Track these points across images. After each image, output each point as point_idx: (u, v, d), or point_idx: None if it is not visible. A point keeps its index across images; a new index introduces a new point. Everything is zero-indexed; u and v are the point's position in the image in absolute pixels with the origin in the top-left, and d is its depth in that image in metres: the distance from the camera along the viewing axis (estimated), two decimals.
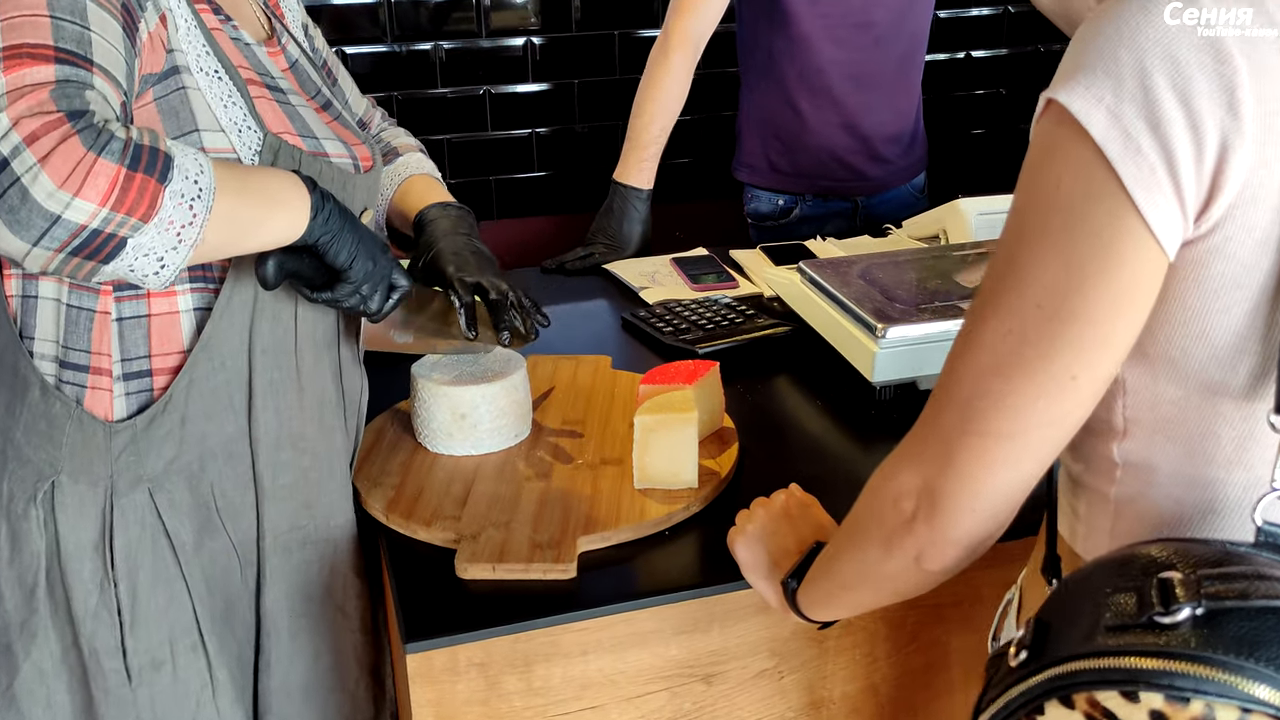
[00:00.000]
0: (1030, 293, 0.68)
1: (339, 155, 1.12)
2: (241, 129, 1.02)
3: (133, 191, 0.84)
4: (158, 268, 0.88)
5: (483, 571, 1.06)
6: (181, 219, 0.87)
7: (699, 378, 1.25)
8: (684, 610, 1.07)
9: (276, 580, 1.13)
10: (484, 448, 1.25)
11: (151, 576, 1.07)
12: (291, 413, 1.11)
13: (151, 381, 1.05)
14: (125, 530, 1.05)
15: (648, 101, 1.93)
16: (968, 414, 0.71)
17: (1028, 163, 0.70)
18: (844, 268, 1.51)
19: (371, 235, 1.06)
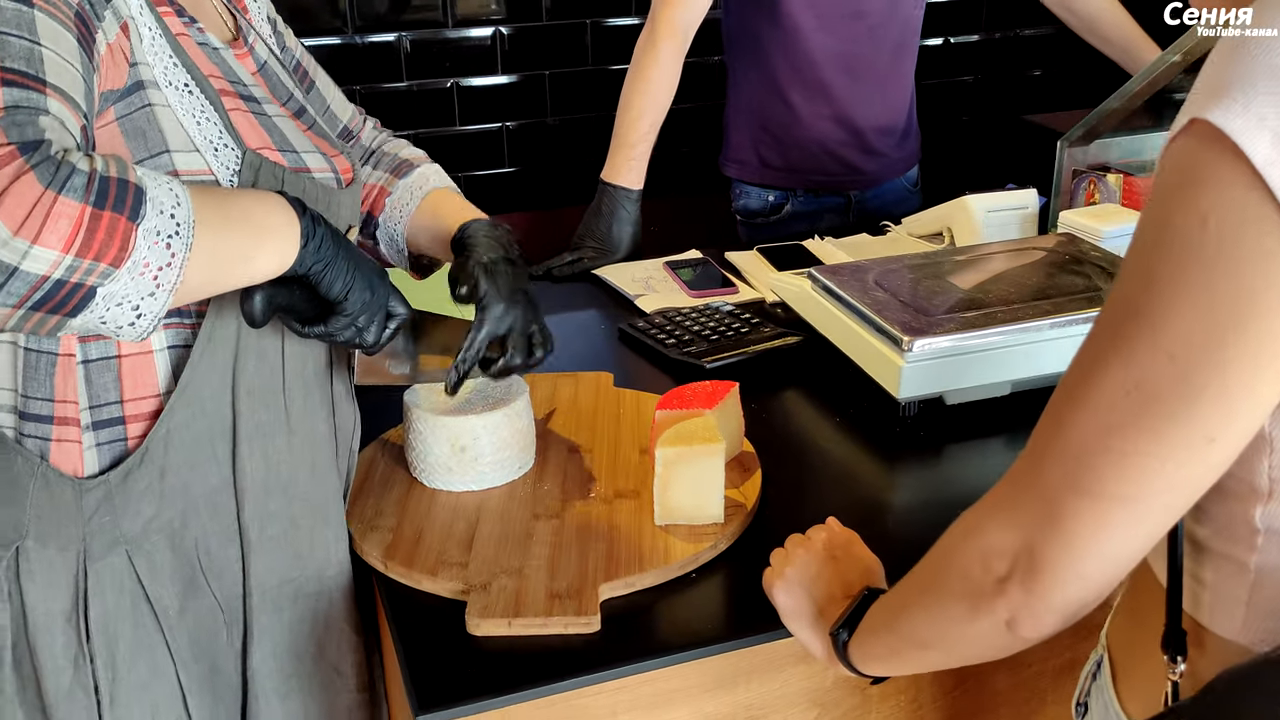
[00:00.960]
0: (1162, 342, 0.59)
1: (321, 170, 1.01)
2: (218, 147, 0.91)
3: (100, 233, 0.72)
4: (133, 318, 0.77)
5: (497, 627, 0.96)
6: (158, 260, 0.76)
7: (719, 401, 1.15)
8: (719, 664, 0.98)
9: (265, 639, 1.02)
10: (486, 482, 1.15)
11: (132, 647, 0.95)
12: (280, 457, 1.00)
13: (125, 430, 0.94)
14: (101, 598, 0.94)
15: (635, 96, 1.83)
16: (1079, 473, 0.62)
17: (1160, 191, 0.60)
18: (859, 274, 1.42)
19: (368, 260, 0.95)
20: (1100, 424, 0.61)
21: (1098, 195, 1.74)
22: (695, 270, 1.75)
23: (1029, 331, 1.27)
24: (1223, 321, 0.57)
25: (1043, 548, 0.65)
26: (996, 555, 0.67)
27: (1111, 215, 1.58)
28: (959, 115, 3.22)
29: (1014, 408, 1.31)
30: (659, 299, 1.66)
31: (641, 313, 1.62)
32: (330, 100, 1.22)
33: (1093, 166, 1.80)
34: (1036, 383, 1.31)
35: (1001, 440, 1.29)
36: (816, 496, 1.18)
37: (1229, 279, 0.57)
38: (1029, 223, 1.73)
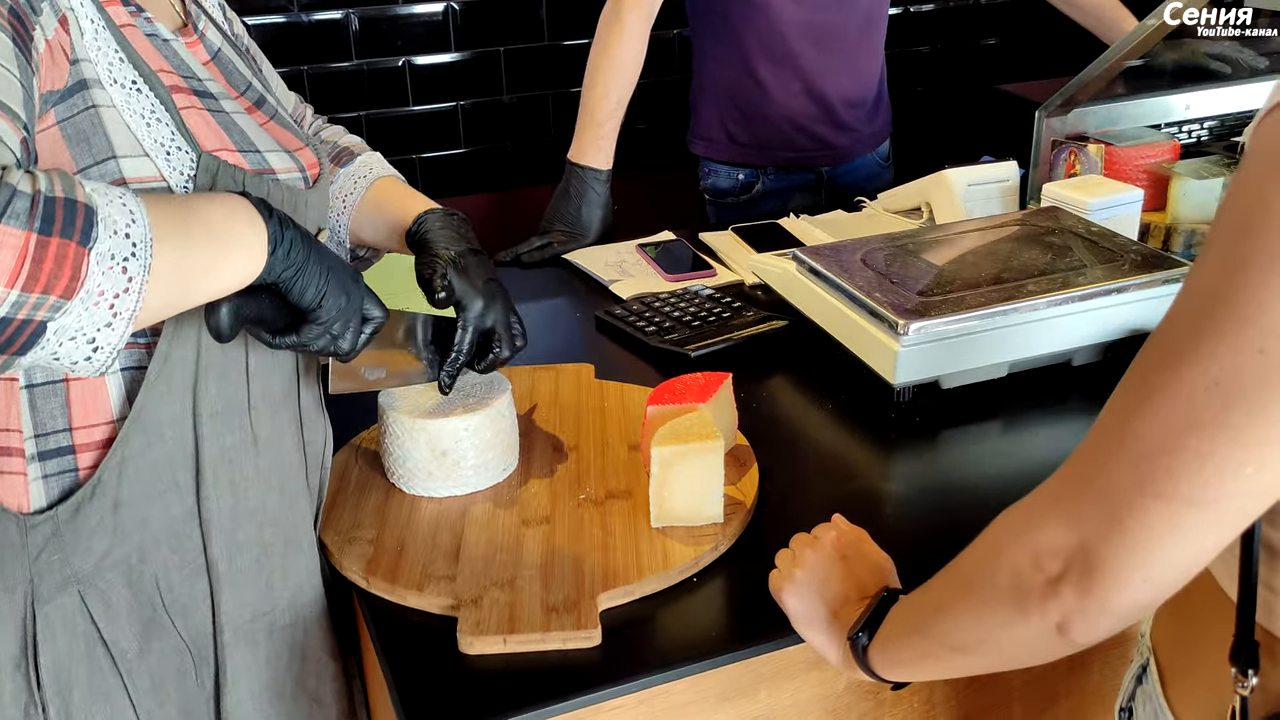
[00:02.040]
0: (1251, 335, 0.54)
1: (287, 170, 0.93)
2: (170, 150, 0.83)
3: (48, 262, 0.64)
4: (89, 352, 0.69)
5: (492, 645, 0.90)
6: (114, 287, 0.68)
7: (713, 394, 1.10)
8: (727, 674, 0.93)
9: (241, 679, 0.94)
10: (469, 486, 1.09)
11: (87, 695, 0.87)
12: (249, 483, 0.92)
13: (75, 460, 0.85)
14: (52, 642, 0.85)
15: (601, 72, 1.76)
16: (1148, 473, 0.58)
17: (1250, 173, 0.56)
18: (845, 253, 1.37)
19: (341, 262, 0.87)
20: (1176, 422, 0.57)
21: (1079, 166, 1.71)
22: (669, 252, 1.69)
23: (1027, 311, 1.23)
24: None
25: (1103, 550, 0.60)
26: (1050, 554, 0.63)
27: (1097, 186, 1.54)
28: (916, 86, 3.18)
29: (1011, 390, 1.27)
30: (634, 284, 1.59)
31: (617, 299, 1.56)
32: (275, 88, 1.13)
33: (1071, 136, 1.76)
34: (1034, 363, 1.27)
35: (999, 424, 1.25)
36: (815, 490, 1.13)
37: None
38: (1010, 196, 1.69)
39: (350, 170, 1.15)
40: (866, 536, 0.94)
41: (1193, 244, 1.63)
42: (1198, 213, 1.65)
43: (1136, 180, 1.67)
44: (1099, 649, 1.08)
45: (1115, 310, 1.27)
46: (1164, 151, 1.72)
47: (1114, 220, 1.50)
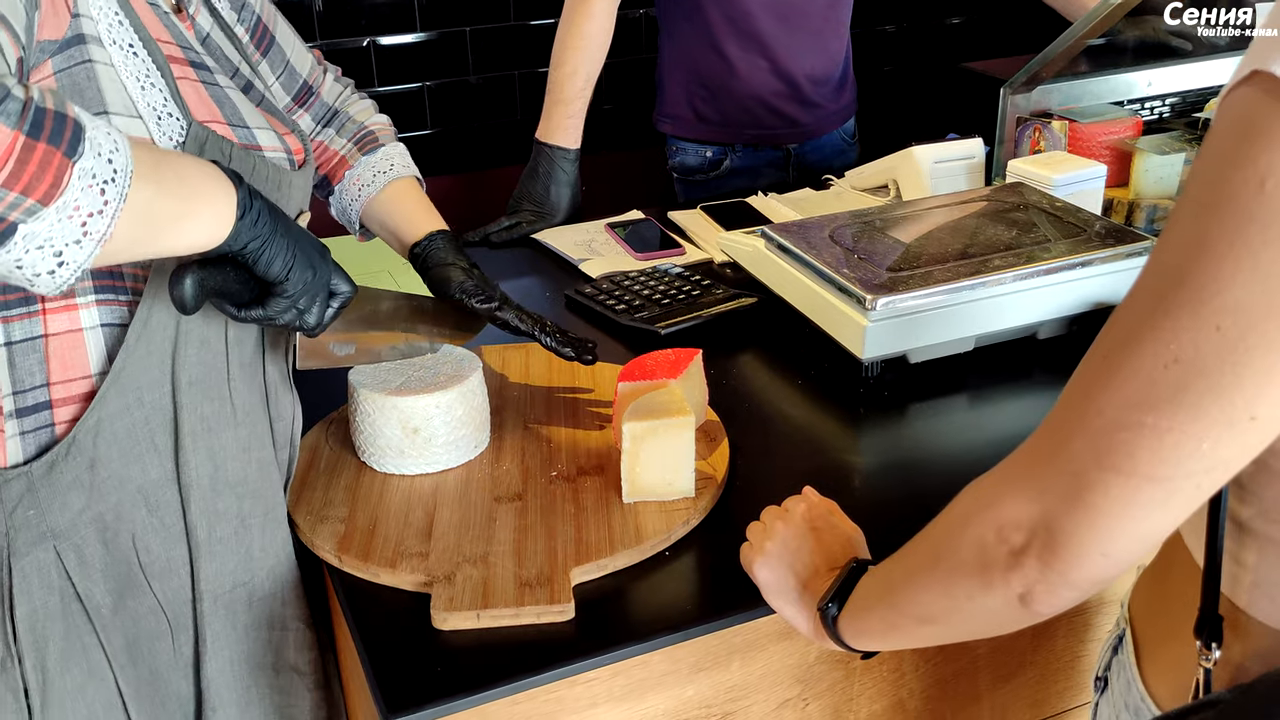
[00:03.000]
0: (1208, 313, 0.54)
1: (273, 149, 0.93)
2: (161, 115, 0.83)
3: (32, 165, 0.65)
4: (54, 265, 0.69)
5: (466, 621, 0.90)
6: (90, 205, 0.68)
7: (683, 370, 1.10)
8: (700, 645, 0.94)
9: (221, 648, 0.95)
10: (441, 464, 1.09)
11: (63, 649, 0.88)
12: (228, 454, 0.92)
13: (52, 415, 0.85)
14: (29, 596, 0.86)
15: (569, 50, 1.75)
16: (1107, 449, 0.58)
17: (1213, 148, 0.56)
18: (813, 230, 1.38)
19: (308, 237, 0.87)
20: (1134, 398, 0.57)
21: (1043, 143, 1.72)
22: (638, 231, 1.69)
23: (993, 285, 1.24)
24: (1277, 292, 0.53)
25: (1064, 522, 0.61)
26: (1013, 527, 0.63)
27: (1061, 162, 1.56)
28: (882, 65, 3.19)
29: (977, 363, 1.28)
30: (604, 263, 1.60)
31: (587, 278, 1.56)
32: (290, 54, 1.13)
33: (1035, 113, 1.77)
34: (1000, 337, 1.28)
35: (966, 397, 1.26)
36: (785, 463, 1.14)
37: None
38: (976, 172, 1.70)
39: (371, 161, 1.17)
40: (837, 508, 0.95)
41: (1155, 219, 1.65)
42: (1160, 188, 1.67)
43: (1100, 156, 1.69)
44: (1063, 619, 1.10)
45: (1079, 284, 1.29)
46: (1127, 128, 1.74)
47: (1078, 195, 1.52)
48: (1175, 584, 0.75)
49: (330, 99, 1.20)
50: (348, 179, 1.17)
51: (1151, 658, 0.77)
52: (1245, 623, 0.69)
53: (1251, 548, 0.68)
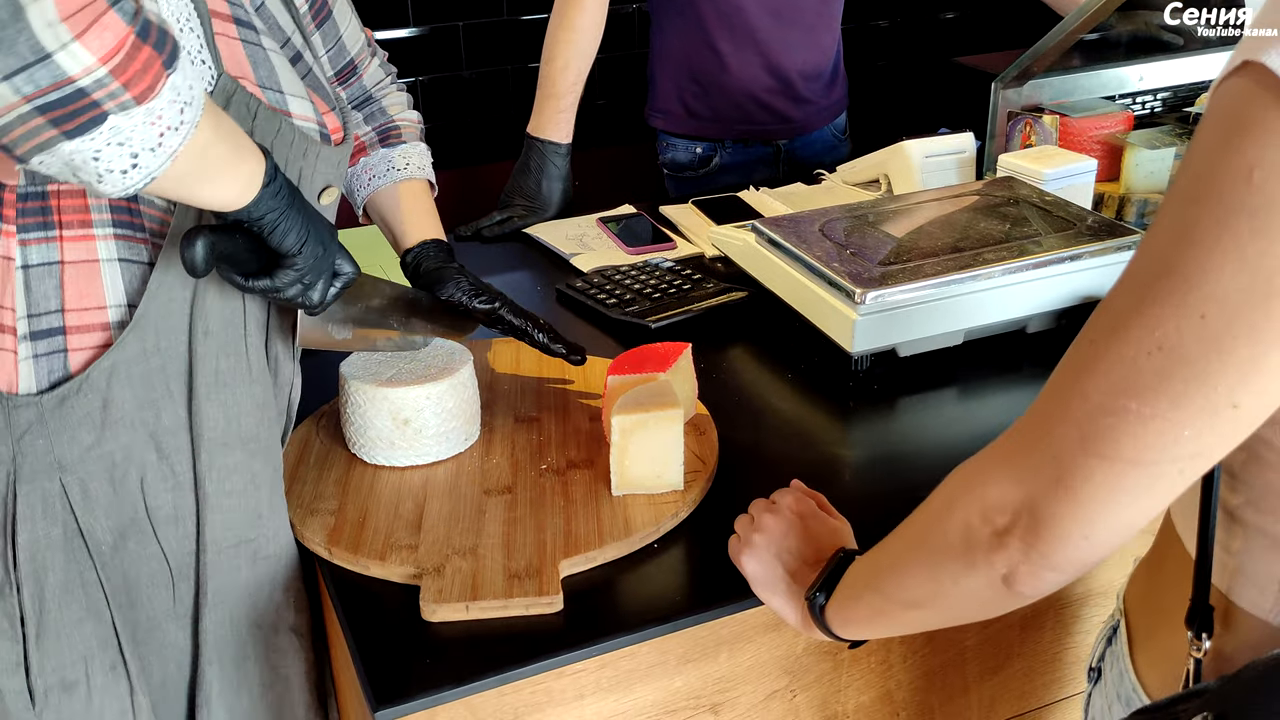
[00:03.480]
0: (1193, 301, 0.55)
1: (304, 118, 0.93)
2: (194, 60, 0.84)
3: (137, 63, 0.68)
4: (128, 165, 0.71)
5: (454, 613, 0.91)
6: (170, 119, 0.71)
7: (672, 363, 1.10)
8: (688, 637, 0.94)
9: (221, 602, 0.95)
10: (431, 456, 1.09)
11: (63, 581, 0.89)
12: (242, 409, 0.93)
13: (65, 342, 0.87)
14: (31, 524, 0.87)
15: (560, 45, 1.75)
16: (1091, 434, 0.59)
17: (1204, 139, 0.56)
18: (804, 225, 1.38)
19: (320, 216, 0.89)
20: (1118, 384, 0.57)
21: (1034, 137, 1.72)
22: (630, 226, 1.69)
23: (982, 279, 1.24)
24: (1263, 282, 0.53)
25: (1047, 507, 0.62)
26: (998, 509, 0.64)
27: (1052, 157, 1.56)
28: (876, 61, 3.19)
29: (967, 357, 1.29)
30: (595, 257, 1.60)
31: (578, 272, 1.56)
32: (343, 29, 1.14)
33: (1026, 108, 1.78)
34: (989, 330, 1.29)
35: (955, 390, 1.27)
36: (774, 456, 1.14)
37: (1273, 237, 0.53)
38: (966, 167, 1.71)
39: (389, 155, 1.18)
40: (824, 501, 0.96)
41: (1145, 213, 1.65)
42: (1150, 182, 1.67)
43: (1090, 150, 1.69)
44: (1051, 611, 1.10)
45: (1068, 278, 1.29)
46: (1118, 122, 1.74)
47: (1068, 190, 1.52)
48: (1169, 575, 0.75)
49: (370, 83, 1.21)
50: (361, 165, 1.19)
51: (1144, 648, 0.77)
52: (1235, 614, 0.70)
53: (1240, 537, 0.69)
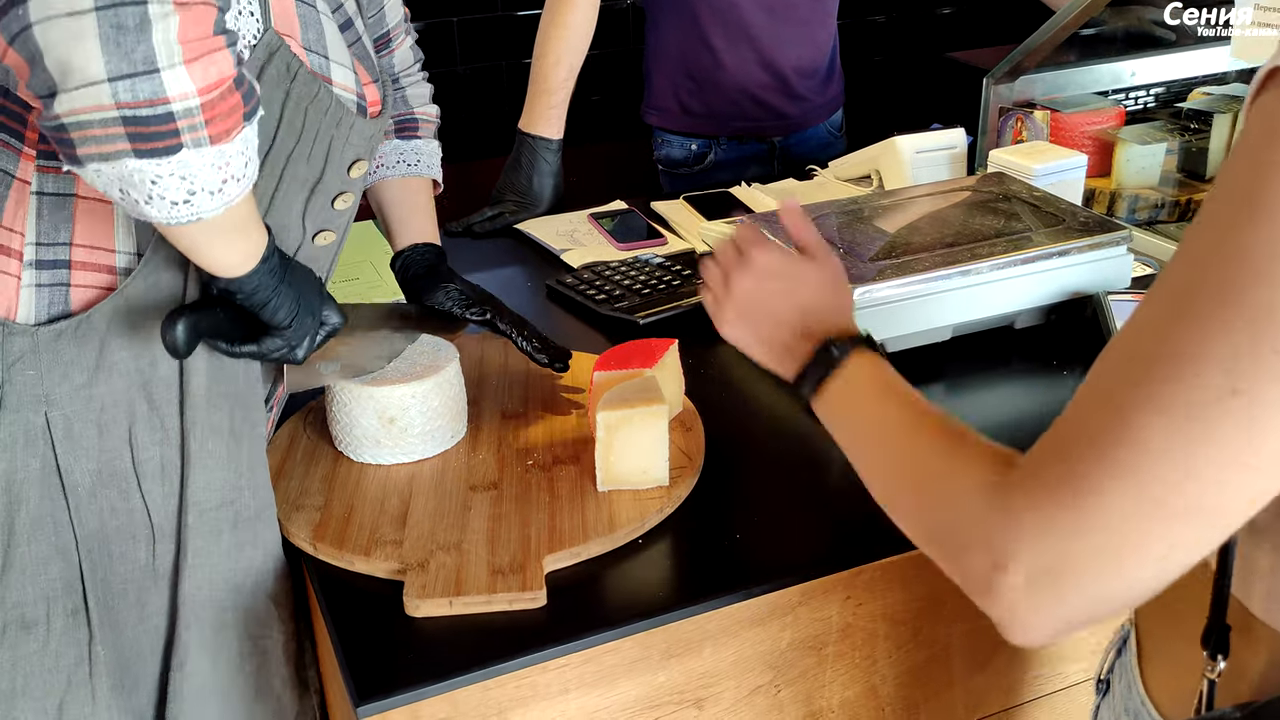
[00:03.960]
0: (1269, 335, 0.50)
1: (345, 88, 0.94)
2: (242, 11, 0.84)
3: (226, 105, 0.72)
4: (181, 198, 0.73)
5: (438, 608, 0.91)
6: (236, 169, 0.75)
7: (658, 359, 1.11)
8: (672, 632, 0.94)
9: (201, 565, 0.95)
10: (417, 454, 1.09)
11: (35, 516, 0.90)
12: (228, 368, 0.94)
13: (70, 276, 0.87)
14: (10, 453, 0.88)
15: (552, 40, 1.75)
16: (1144, 481, 0.53)
17: (1248, 158, 0.52)
18: None
19: (309, 278, 0.92)
20: (1177, 429, 0.52)
21: (1025, 133, 1.72)
22: (621, 222, 1.69)
23: (970, 275, 1.25)
24: None
25: (1087, 582, 0.55)
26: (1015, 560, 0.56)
27: (1042, 152, 1.56)
28: (872, 56, 3.19)
29: (955, 352, 1.29)
30: (585, 253, 1.60)
31: (568, 268, 1.56)
32: (386, 2, 1.15)
33: (1018, 103, 1.78)
34: (977, 326, 1.29)
35: (943, 386, 1.27)
36: (762, 452, 1.14)
37: None
38: (958, 162, 1.70)
39: (402, 147, 1.20)
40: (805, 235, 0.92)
41: (1136, 208, 1.65)
42: (1141, 178, 1.68)
43: (1082, 146, 1.69)
44: None
45: (1056, 274, 1.29)
46: (1109, 118, 1.75)
47: (1059, 185, 1.52)
48: (1183, 582, 0.71)
49: (400, 66, 1.21)
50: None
51: (1155, 662, 0.74)
52: (1257, 629, 0.65)
53: (1267, 549, 0.64)
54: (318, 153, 0.94)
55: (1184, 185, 1.71)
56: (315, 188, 0.97)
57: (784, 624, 0.98)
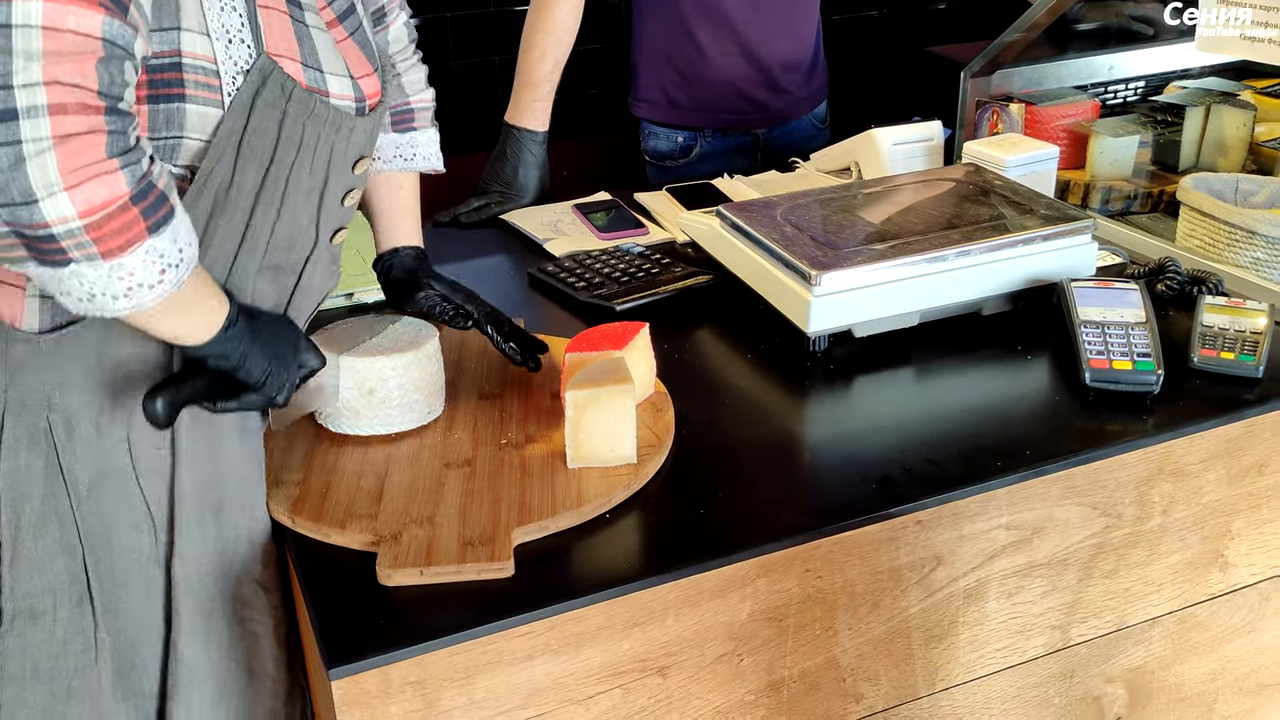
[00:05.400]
0: None
1: (342, 96, 0.97)
2: (233, 39, 0.88)
3: (117, 223, 0.76)
4: (85, 297, 0.79)
5: (409, 577, 0.95)
6: (144, 278, 0.79)
7: (628, 342, 1.14)
8: (635, 601, 0.98)
9: (192, 553, 1.00)
10: (394, 426, 1.13)
11: (39, 512, 0.95)
12: None
13: None
14: (15, 454, 0.93)
15: (537, 35, 1.79)
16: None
17: None
18: (766, 210, 1.42)
19: (284, 332, 0.97)
20: None
21: (1001, 125, 1.76)
22: (604, 212, 1.73)
23: (935, 262, 1.28)
24: None
25: None
26: None
27: (1015, 144, 1.59)
28: (867, 51, 3.22)
29: (923, 338, 1.32)
30: (568, 242, 1.64)
31: (551, 256, 1.60)
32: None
33: (996, 97, 1.81)
34: (944, 312, 1.32)
35: (911, 370, 1.30)
36: (730, 433, 1.18)
37: None
38: (935, 154, 1.74)
39: (396, 140, 1.23)
40: None
41: (1109, 199, 1.69)
42: (1114, 170, 1.71)
43: (1056, 139, 1.73)
44: (994, 577, 1.14)
45: (1021, 261, 1.32)
46: (1084, 111, 1.78)
47: (1031, 177, 1.56)
48: None
49: (393, 46, 1.22)
50: None
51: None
52: None
53: None
54: (320, 159, 0.98)
55: (1156, 177, 1.74)
56: (323, 192, 1.01)
57: (744, 595, 1.01)
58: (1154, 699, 1.32)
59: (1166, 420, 1.17)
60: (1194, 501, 1.21)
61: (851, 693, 1.12)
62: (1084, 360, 1.20)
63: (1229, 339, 1.24)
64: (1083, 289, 1.30)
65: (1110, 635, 1.24)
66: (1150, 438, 1.15)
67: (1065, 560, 1.16)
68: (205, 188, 0.91)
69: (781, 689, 1.08)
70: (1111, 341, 1.22)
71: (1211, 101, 1.74)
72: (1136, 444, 1.14)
